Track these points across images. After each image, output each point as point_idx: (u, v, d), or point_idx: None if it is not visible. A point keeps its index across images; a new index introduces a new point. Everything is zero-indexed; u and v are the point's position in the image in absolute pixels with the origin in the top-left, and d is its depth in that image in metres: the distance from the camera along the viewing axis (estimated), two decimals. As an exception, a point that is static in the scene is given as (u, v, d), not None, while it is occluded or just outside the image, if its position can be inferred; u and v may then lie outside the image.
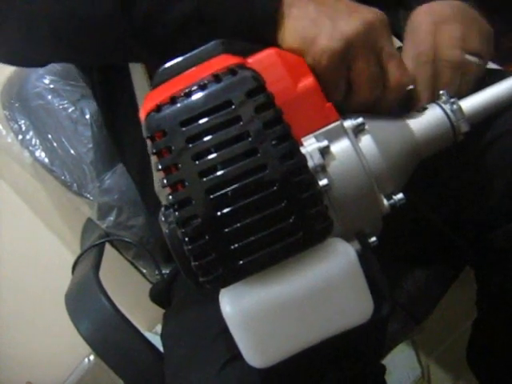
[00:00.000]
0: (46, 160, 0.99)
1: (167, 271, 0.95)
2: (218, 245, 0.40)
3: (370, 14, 0.52)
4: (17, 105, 1.00)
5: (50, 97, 0.98)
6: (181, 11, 0.53)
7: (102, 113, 0.84)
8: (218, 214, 0.39)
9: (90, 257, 0.90)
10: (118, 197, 0.98)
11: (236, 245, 0.40)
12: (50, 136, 0.99)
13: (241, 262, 0.40)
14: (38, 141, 1.00)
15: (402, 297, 0.81)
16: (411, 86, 0.58)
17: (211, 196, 0.39)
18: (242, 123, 0.40)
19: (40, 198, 1.19)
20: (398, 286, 0.81)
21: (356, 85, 0.53)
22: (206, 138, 0.40)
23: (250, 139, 0.40)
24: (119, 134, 0.82)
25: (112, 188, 0.98)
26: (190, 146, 0.40)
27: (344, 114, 0.52)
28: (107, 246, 0.99)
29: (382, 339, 0.70)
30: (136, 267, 1.04)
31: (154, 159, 0.42)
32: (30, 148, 1.00)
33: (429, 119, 0.55)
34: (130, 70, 0.70)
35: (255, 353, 0.45)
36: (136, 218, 0.98)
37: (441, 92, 0.56)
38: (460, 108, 0.55)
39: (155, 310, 0.88)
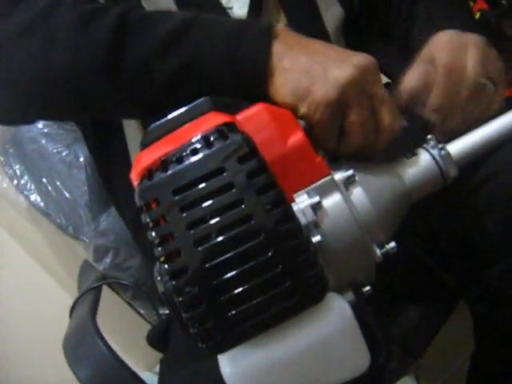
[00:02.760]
0: (42, 204, 0.99)
1: (165, 311, 0.94)
2: (215, 312, 0.40)
3: (362, 58, 0.52)
4: (11, 150, 1.01)
5: (43, 141, 0.99)
6: (168, 69, 0.54)
7: (96, 163, 0.84)
8: (214, 282, 0.40)
9: (87, 300, 0.90)
10: (113, 238, 0.98)
11: (233, 312, 0.40)
12: (44, 180, 0.99)
13: (238, 328, 0.41)
14: (32, 185, 1.00)
15: (396, 333, 0.81)
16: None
17: (207, 265, 0.40)
18: (234, 190, 0.41)
19: (36, 241, 1.18)
20: (393, 323, 0.81)
21: (350, 131, 0.53)
22: (200, 207, 0.41)
23: (243, 206, 0.40)
24: (113, 184, 0.82)
25: (107, 230, 0.98)
26: (184, 215, 0.40)
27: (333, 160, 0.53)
28: (105, 287, 0.98)
29: (378, 381, 0.70)
30: (134, 308, 1.04)
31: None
32: (25, 192, 1.00)
33: (418, 165, 0.56)
34: (122, 122, 0.70)
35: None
36: (133, 260, 0.98)
37: (429, 137, 0.57)
38: (448, 153, 0.56)
39: (155, 350, 0.87)
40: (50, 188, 0.99)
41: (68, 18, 0.56)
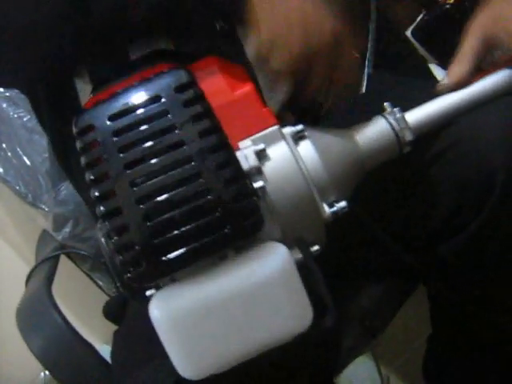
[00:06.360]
0: (1, 170, 0.98)
1: (123, 284, 0.93)
2: (142, 238, 0.39)
3: (338, 23, 0.52)
4: (-29, 113, 0.99)
5: (4, 105, 0.97)
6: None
7: (49, 136, 0.78)
8: (142, 206, 0.39)
9: (43, 270, 0.88)
10: (73, 208, 0.96)
11: (160, 238, 0.39)
12: (4, 145, 0.97)
13: (166, 257, 0.39)
14: (-8, 150, 0.98)
15: (356, 311, 0.81)
16: None
17: (135, 189, 0.39)
18: (169, 116, 0.40)
19: (-6, 208, 1.17)
20: (353, 302, 0.81)
21: (308, 81, 0.53)
22: (134, 132, 0.40)
23: (177, 131, 0.40)
24: (69, 161, 0.78)
25: (68, 199, 0.96)
26: (117, 139, 0.40)
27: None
28: (64, 258, 0.97)
29: (335, 357, 0.68)
30: (93, 279, 1.02)
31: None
32: (-16, 158, 0.98)
33: (372, 129, 0.56)
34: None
35: (186, 362, 0.42)
36: (92, 230, 0.97)
37: (385, 104, 0.57)
38: (403, 117, 0.55)
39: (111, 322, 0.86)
40: (9, 154, 0.97)
41: None
